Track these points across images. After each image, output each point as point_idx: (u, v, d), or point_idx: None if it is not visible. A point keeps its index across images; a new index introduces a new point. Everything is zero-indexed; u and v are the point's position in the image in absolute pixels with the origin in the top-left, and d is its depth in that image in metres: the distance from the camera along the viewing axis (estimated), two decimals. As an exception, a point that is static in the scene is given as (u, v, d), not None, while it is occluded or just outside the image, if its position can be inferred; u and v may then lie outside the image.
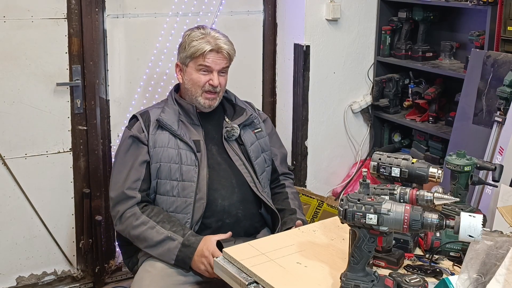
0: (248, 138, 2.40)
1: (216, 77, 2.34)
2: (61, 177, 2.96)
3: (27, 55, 2.77)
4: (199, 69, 2.34)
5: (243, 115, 2.43)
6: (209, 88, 2.34)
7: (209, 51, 2.32)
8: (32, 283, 2.98)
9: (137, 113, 2.40)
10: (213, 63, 2.34)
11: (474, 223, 1.41)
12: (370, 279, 1.51)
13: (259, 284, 1.64)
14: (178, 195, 2.25)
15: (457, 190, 1.86)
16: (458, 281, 1.43)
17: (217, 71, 2.35)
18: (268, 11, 3.39)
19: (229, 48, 2.37)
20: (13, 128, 2.80)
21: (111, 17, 2.94)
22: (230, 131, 2.36)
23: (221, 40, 2.36)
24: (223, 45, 2.35)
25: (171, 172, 2.26)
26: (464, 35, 3.20)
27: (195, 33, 2.37)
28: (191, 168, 2.26)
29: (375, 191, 1.64)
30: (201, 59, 2.33)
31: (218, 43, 2.34)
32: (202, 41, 2.33)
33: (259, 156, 2.41)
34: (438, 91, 3.28)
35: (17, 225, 2.89)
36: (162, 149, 2.28)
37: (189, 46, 2.35)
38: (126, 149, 2.33)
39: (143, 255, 2.29)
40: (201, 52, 2.32)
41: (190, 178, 2.25)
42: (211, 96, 2.35)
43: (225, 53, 2.35)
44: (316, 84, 3.36)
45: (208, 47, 2.32)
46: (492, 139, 2.56)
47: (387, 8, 3.48)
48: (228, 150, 2.36)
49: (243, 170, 2.34)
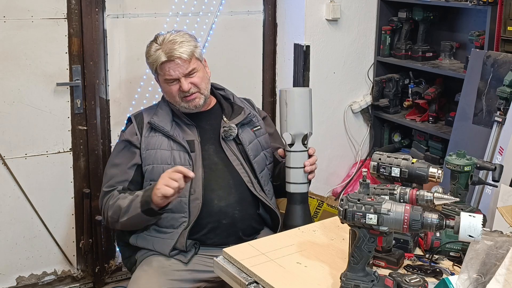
0: (246, 137, 2.37)
1: (184, 82, 2.28)
2: (61, 177, 2.96)
3: (27, 55, 2.77)
4: (166, 82, 2.31)
5: (241, 114, 2.39)
6: (183, 94, 2.30)
7: (162, 63, 2.27)
8: (32, 283, 2.98)
9: (132, 115, 2.40)
10: (174, 72, 2.27)
11: (474, 223, 1.41)
12: (370, 279, 1.51)
13: (259, 284, 1.64)
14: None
15: (457, 190, 1.86)
16: (458, 281, 1.43)
17: (183, 77, 2.28)
18: (268, 11, 3.39)
19: (184, 50, 2.27)
20: (13, 128, 2.80)
21: (111, 17, 2.94)
22: (228, 130, 2.33)
23: (176, 44, 2.27)
24: (176, 53, 2.25)
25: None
26: (464, 35, 3.20)
27: (152, 46, 2.32)
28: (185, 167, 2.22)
29: (375, 191, 1.64)
30: (161, 73, 2.29)
31: (171, 51, 2.25)
32: (156, 54, 2.28)
33: (258, 155, 2.38)
34: (438, 91, 3.28)
35: (17, 225, 2.89)
36: (154, 151, 2.27)
37: (148, 63, 2.35)
38: (117, 152, 2.35)
39: (141, 255, 2.30)
40: (156, 65, 2.29)
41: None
42: (190, 98, 2.31)
43: (179, 61, 2.26)
44: (316, 84, 3.36)
45: (161, 59, 2.26)
46: (492, 139, 2.56)
47: (387, 8, 3.48)
48: (225, 149, 2.33)
49: (241, 170, 2.31)
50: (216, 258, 1.81)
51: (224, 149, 2.33)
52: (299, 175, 2.16)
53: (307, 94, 2.18)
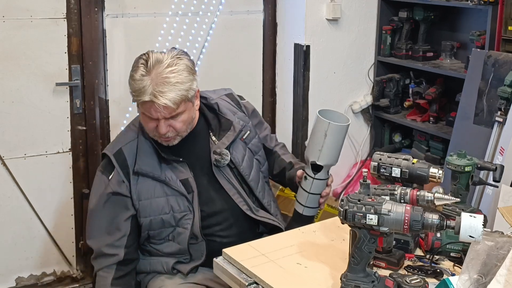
0: (238, 154, 2.18)
1: (163, 125, 1.97)
2: (60, 178, 2.95)
3: (27, 55, 2.77)
4: (143, 115, 2.01)
5: (231, 131, 2.15)
6: (159, 135, 2.02)
7: (144, 102, 1.94)
8: (32, 283, 2.97)
9: (111, 154, 2.09)
10: (155, 113, 1.96)
11: (474, 223, 1.41)
12: (370, 279, 1.51)
13: (259, 284, 1.64)
14: (173, 239, 2.11)
15: (457, 191, 1.85)
16: (459, 281, 1.43)
17: (163, 119, 1.97)
18: (268, 11, 3.39)
19: (173, 98, 1.92)
20: (12, 128, 2.80)
21: (110, 17, 2.93)
22: (220, 160, 2.11)
23: (168, 85, 1.93)
24: (162, 100, 1.91)
25: (164, 222, 2.08)
26: (465, 35, 3.19)
27: (139, 70, 1.98)
28: (184, 214, 2.08)
29: (376, 191, 1.63)
30: (141, 106, 1.99)
31: (158, 94, 1.91)
32: (141, 85, 1.93)
33: (252, 168, 2.21)
34: (439, 91, 3.27)
35: (17, 225, 2.89)
36: (149, 201, 2.06)
37: (130, 85, 2.00)
38: (104, 201, 2.08)
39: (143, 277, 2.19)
40: (137, 99, 1.97)
41: (183, 225, 2.08)
42: (164, 140, 2.04)
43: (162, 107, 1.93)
44: (316, 84, 3.36)
45: (144, 98, 1.92)
46: (492, 139, 2.55)
47: (387, 8, 3.48)
48: (219, 179, 2.13)
49: (238, 200, 2.15)
50: (216, 259, 1.80)
51: (218, 179, 2.14)
52: (315, 200, 2.12)
53: (346, 129, 2.06)
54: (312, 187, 2.10)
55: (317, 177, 2.08)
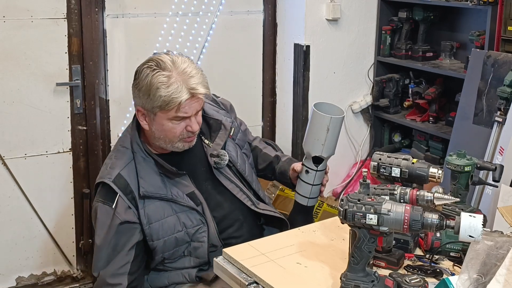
0: (233, 152, 2.16)
1: (194, 122, 1.97)
2: (60, 177, 2.95)
3: (27, 55, 2.77)
4: (172, 119, 1.94)
5: (222, 131, 2.13)
6: (188, 134, 1.99)
7: (181, 103, 1.89)
8: (32, 283, 2.98)
9: (108, 181, 1.97)
10: (190, 110, 1.94)
11: (474, 223, 1.41)
12: (370, 279, 1.51)
13: (259, 284, 1.64)
14: (190, 254, 2.05)
15: (457, 190, 1.85)
16: (459, 281, 1.43)
17: (194, 115, 1.97)
18: (268, 11, 3.39)
19: (206, 87, 1.95)
20: (13, 128, 2.80)
21: (110, 17, 2.94)
22: (220, 162, 2.09)
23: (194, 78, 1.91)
24: (200, 89, 1.91)
25: (177, 240, 2.01)
26: (465, 35, 3.20)
27: (159, 76, 1.89)
28: (198, 228, 2.03)
29: (375, 191, 1.64)
30: (175, 111, 1.91)
31: (193, 86, 1.90)
32: (172, 89, 1.88)
33: (244, 162, 2.21)
34: (438, 91, 3.27)
35: (17, 225, 2.89)
36: (160, 223, 1.98)
37: (154, 96, 1.89)
38: (113, 233, 1.96)
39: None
40: (174, 105, 1.89)
41: (199, 239, 2.03)
42: (190, 139, 2.02)
43: (201, 97, 1.94)
44: (316, 84, 3.36)
45: (184, 96, 1.89)
46: (492, 139, 2.56)
47: (387, 8, 3.48)
48: (222, 180, 2.11)
49: (242, 197, 2.14)
50: (216, 259, 1.80)
51: (221, 181, 2.11)
52: (318, 190, 2.21)
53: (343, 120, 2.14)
54: (315, 179, 2.17)
55: (319, 169, 2.15)
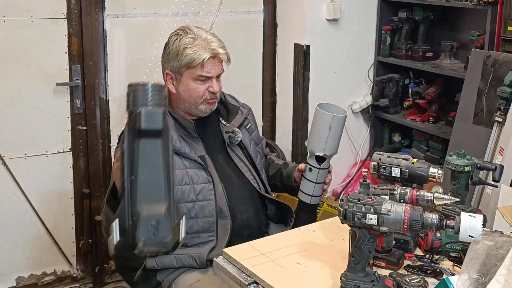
0: (246, 138, 2.29)
1: (216, 83, 2.18)
2: (61, 177, 2.95)
3: (27, 55, 2.77)
4: (196, 79, 2.16)
5: (238, 115, 2.30)
6: (210, 96, 2.18)
7: (203, 62, 2.13)
8: (32, 283, 2.98)
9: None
10: (212, 70, 2.16)
11: (474, 223, 1.41)
12: (370, 279, 1.51)
13: (259, 284, 1.64)
14: (197, 216, 2.09)
15: (457, 190, 1.85)
16: (458, 281, 1.43)
17: (215, 77, 2.19)
18: (268, 11, 3.39)
19: (225, 50, 2.20)
20: (13, 128, 2.80)
21: (111, 17, 2.94)
22: (234, 136, 2.23)
23: (215, 43, 2.18)
24: (220, 50, 2.17)
25: (184, 194, 2.07)
26: (465, 35, 3.20)
27: (186, 39, 2.16)
28: (205, 186, 2.10)
29: (375, 191, 1.64)
30: (199, 69, 2.14)
31: (214, 47, 2.16)
32: (197, 48, 2.14)
33: (257, 154, 2.33)
34: (438, 91, 3.28)
35: (17, 225, 2.89)
36: None
37: (182, 55, 2.15)
38: None
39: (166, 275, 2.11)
40: (199, 61, 2.13)
41: (206, 197, 2.10)
42: (212, 101, 2.20)
43: (223, 58, 2.19)
44: (316, 84, 3.36)
45: (206, 54, 2.13)
46: (492, 139, 2.55)
47: (387, 8, 3.48)
48: (233, 157, 2.24)
49: (250, 177, 2.24)
50: (216, 259, 1.81)
51: (232, 157, 2.24)
52: (321, 189, 2.25)
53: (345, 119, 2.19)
54: (318, 177, 2.21)
55: (322, 167, 2.19)
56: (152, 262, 2.10)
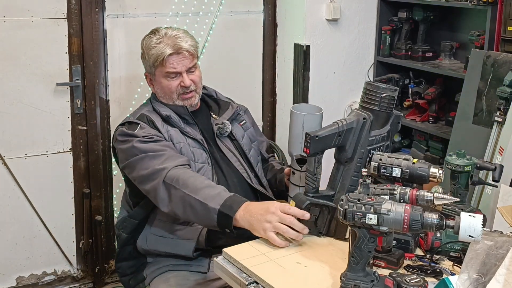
0: (238, 132, 2.34)
1: (186, 77, 2.23)
2: (61, 177, 2.96)
3: (27, 55, 2.78)
4: (166, 76, 2.23)
5: (229, 109, 2.36)
6: (183, 90, 2.24)
7: (169, 55, 2.19)
8: (32, 283, 2.98)
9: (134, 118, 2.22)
10: (178, 65, 2.22)
11: (474, 223, 1.41)
12: (370, 279, 1.51)
13: (259, 284, 1.64)
14: None
15: (457, 190, 1.85)
16: (458, 281, 1.43)
17: (185, 72, 2.23)
18: (268, 11, 3.39)
19: (190, 45, 2.24)
20: (13, 128, 2.80)
21: (111, 17, 2.94)
22: (222, 127, 2.29)
23: (180, 38, 2.22)
24: (183, 44, 2.21)
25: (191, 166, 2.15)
26: (464, 35, 3.20)
27: (151, 40, 2.24)
28: (205, 166, 2.18)
29: (375, 191, 1.64)
30: (165, 66, 2.21)
31: (177, 43, 2.21)
32: (160, 46, 2.20)
33: (251, 148, 2.36)
34: (438, 91, 3.28)
35: (17, 225, 2.89)
36: (179, 145, 2.17)
37: (148, 55, 2.24)
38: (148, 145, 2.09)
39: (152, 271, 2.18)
40: (161, 58, 2.19)
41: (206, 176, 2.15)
42: (187, 96, 2.26)
43: (186, 53, 2.22)
44: (316, 84, 3.36)
45: (168, 50, 2.19)
46: (492, 139, 2.55)
47: (387, 8, 3.48)
48: (222, 148, 2.28)
49: (239, 167, 2.28)
50: (216, 258, 1.81)
51: (221, 148, 2.28)
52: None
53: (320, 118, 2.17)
54: (301, 180, 2.14)
55: (303, 169, 2.14)
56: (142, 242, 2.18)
